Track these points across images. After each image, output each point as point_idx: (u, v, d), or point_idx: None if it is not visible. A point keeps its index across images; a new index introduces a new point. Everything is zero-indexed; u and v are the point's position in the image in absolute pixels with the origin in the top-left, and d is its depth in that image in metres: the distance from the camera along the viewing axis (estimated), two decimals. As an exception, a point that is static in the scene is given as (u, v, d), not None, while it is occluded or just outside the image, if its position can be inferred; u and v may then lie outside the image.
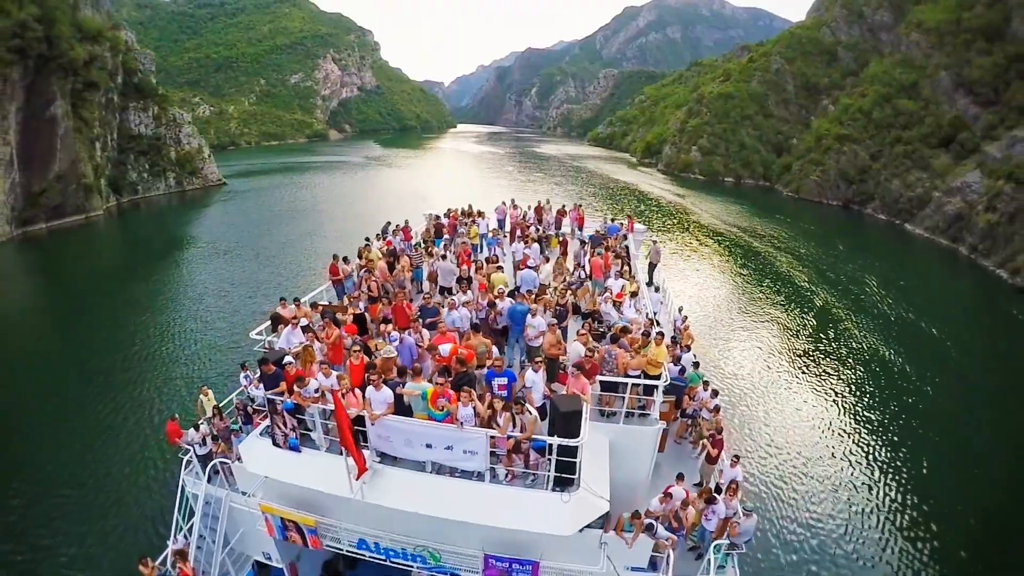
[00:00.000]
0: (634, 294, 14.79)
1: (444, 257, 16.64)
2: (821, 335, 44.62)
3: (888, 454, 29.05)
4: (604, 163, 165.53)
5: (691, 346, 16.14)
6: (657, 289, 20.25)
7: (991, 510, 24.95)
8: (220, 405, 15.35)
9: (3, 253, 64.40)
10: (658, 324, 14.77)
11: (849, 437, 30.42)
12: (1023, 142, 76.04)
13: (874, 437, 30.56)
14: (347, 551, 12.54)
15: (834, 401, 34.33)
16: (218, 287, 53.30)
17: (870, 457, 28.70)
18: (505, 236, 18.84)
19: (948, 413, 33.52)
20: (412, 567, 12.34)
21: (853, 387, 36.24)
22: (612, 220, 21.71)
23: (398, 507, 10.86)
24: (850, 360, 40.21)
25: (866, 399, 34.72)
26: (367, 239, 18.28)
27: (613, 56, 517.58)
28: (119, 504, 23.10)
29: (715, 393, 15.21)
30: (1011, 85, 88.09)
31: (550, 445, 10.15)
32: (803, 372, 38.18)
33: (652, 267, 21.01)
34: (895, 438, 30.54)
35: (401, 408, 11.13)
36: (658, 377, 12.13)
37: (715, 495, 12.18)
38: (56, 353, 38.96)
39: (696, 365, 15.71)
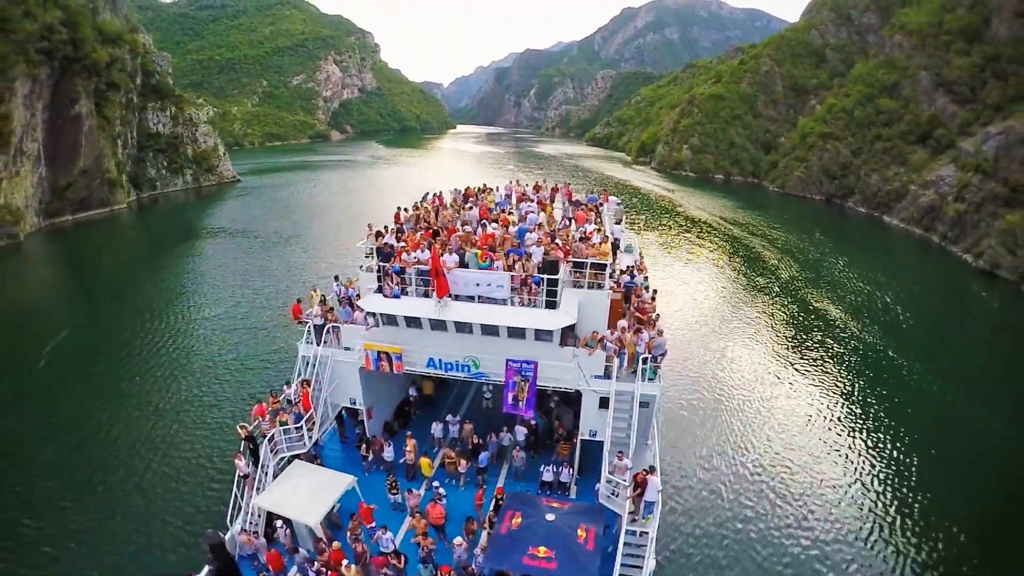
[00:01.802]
0: (599, 230, 21.74)
1: (471, 209, 24.28)
2: (798, 314, 49.06)
3: (862, 419, 32.38)
4: (600, 162, 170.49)
5: (643, 270, 23.43)
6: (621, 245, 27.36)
7: (952, 462, 28.53)
8: (325, 296, 22.42)
9: (35, 243, 68.75)
10: (617, 250, 22.08)
11: (823, 404, 33.92)
12: (996, 137, 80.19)
13: (848, 403, 34.13)
14: (419, 371, 20.21)
15: (809, 371, 38.31)
16: (259, 265, 60.24)
17: (845, 422, 32.12)
18: (512, 203, 25.89)
19: (913, 378, 37.55)
20: (461, 376, 19.38)
21: (828, 360, 39.96)
22: (592, 192, 29.39)
23: (462, 319, 18.59)
24: (826, 336, 44.27)
25: (840, 370, 38.38)
26: (415, 203, 25.50)
27: (611, 57, 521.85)
28: (245, 375, 34.89)
29: (655, 292, 22.19)
30: (987, 84, 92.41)
31: (542, 279, 18.44)
32: (780, 345, 42.54)
33: (618, 221, 28.23)
34: (869, 404, 34.01)
35: (462, 266, 19.41)
36: (606, 262, 19.96)
37: (641, 328, 19.32)
38: (149, 315, 45.19)
39: (645, 279, 22.93)
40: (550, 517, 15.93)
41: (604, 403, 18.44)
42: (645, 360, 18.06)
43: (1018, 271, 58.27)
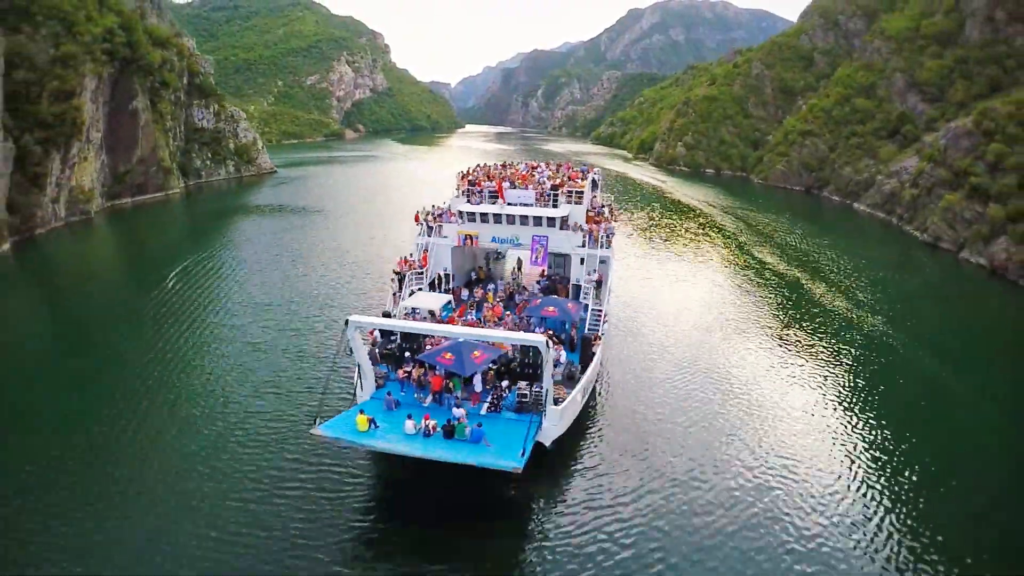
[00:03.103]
0: (583, 179, 36.52)
1: (508, 170, 42.31)
2: (765, 278, 57.98)
3: (820, 367, 36.68)
4: (603, 158, 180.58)
5: (610, 207, 38.59)
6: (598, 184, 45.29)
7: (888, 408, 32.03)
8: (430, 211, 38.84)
9: (103, 219, 79.33)
10: (596, 187, 40.07)
11: (786, 353, 39.74)
12: (955, 131, 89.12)
13: (808, 353, 39.72)
14: (487, 246, 37.29)
15: (772, 324, 45.56)
16: (326, 231, 73.89)
17: (807, 370, 36.29)
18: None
19: (862, 330, 43.69)
20: (509, 247, 37.34)
21: (791, 315, 46.86)
22: (583, 165, 45.01)
23: (511, 214, 35.29)
24: (789, 297, 52.01)
25: (801, 325, 44.54)
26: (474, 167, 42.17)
27: (617, 58, 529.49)
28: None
29: (612, 214, 36.96)
30: (954, 84, 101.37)
31: (551, 194, 37.07)
32: (745, 304, 51.14)
33: (595, 183, 44.67)
34: (828, 354, 38.73)
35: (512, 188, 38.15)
36: (583, 190, 38.12)
37: (600, 221, 36.70)
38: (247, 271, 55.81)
39: (611, 211, 37.44)
40: (554, 297, 33.14)
41: (582, 261, 34.55)
42: (602, 237, 35.05)
43: (956, 242, 67.82)
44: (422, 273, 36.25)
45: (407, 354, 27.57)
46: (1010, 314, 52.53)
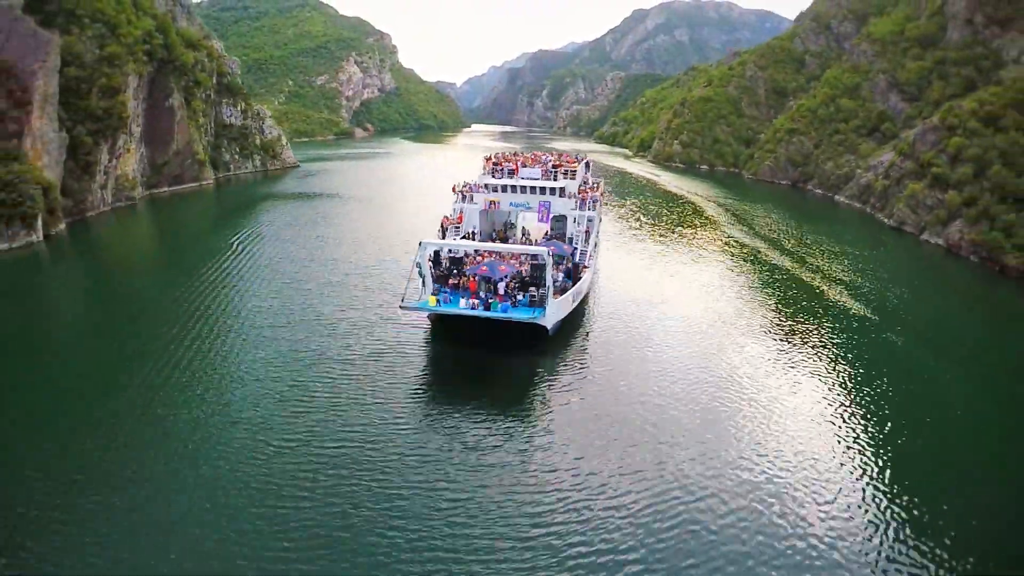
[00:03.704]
0: (576, 162, 51.63)
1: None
2: (745, 258, 65.44)
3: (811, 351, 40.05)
4: (604, 155, 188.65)
5: (598, 183, 50.02)
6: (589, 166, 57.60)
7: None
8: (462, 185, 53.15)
9: (145, 205, 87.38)
10: (587, 169, 58.75)
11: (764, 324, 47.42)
12: (923, 127, 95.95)
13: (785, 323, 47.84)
14: (506, 208, 51.67)
15: (750, 297, 52.10)
16: (353, 212, 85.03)
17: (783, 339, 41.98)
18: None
19: (831, 302, 50.06)
20: (520, 211, 51.90)
21: (770, 291, 53.28)
22: (579, 155, 56.53)
23: (526, 184, 49.79)
24: (765, 273, 59.19)
25: (780, 300, 50.86)
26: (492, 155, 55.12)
27: (622, 58, 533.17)
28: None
29: (599, 188, 47.92)
30: (932, 84, 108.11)
31: (553, 171, 51.26)
32: (723, 274, 58.90)
33: (587, 165, 58.16)
34: (804, 325, 44.59)
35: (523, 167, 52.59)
36: (576, 168, 52.78)
37: (588, 191, 52.06)
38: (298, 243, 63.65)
39: (599, 187, 50.05)
40: (555, 241, 46.98)
41: (575, 220, 48.44)
42: (590, 202, 49.19)
43: (918, 226, 75.24)
44: (458, 228, 48.82)
45: (453, 272, 40.69)
46: (960, 285, 61.01)
